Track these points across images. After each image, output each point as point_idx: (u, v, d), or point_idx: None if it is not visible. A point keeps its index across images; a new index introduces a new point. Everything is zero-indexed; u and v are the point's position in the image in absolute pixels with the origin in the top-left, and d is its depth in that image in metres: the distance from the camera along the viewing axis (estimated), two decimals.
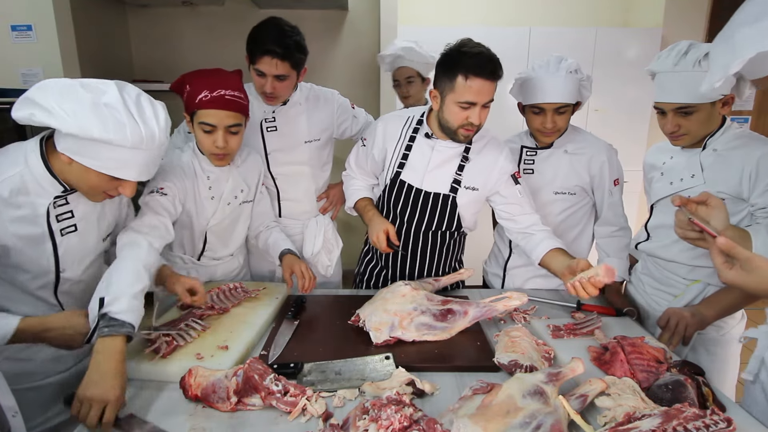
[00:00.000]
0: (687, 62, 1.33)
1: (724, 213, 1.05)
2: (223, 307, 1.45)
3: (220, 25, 3.38)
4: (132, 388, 1.13)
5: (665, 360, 1.15)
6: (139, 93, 1.12)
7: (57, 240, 1.18)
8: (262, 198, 1.80)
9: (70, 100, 1.01)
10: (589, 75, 1.64)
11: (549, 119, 1.58)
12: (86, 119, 1.01)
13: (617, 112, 3.62)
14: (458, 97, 1.39)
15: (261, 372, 1.06)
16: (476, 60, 1.35)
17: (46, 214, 1.15)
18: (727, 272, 0.90)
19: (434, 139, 1.56)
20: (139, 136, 1.07)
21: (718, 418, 0.88)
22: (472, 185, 1.58)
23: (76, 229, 1.22)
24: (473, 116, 1.41)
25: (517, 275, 1.81)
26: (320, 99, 1.89)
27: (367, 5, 3.38)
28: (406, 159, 1.60)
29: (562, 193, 1.70)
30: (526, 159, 1.73)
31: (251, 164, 1.72)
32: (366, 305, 1.42)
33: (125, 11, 3.42)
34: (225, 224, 1.67)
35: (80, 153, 1.07)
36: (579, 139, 1.70)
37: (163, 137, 1.13)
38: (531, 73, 1.60)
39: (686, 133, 1.40)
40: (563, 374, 1.01)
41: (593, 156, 1.67)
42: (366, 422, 0.92)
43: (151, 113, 1.11)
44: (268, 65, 1.61)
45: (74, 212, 1.21)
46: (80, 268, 1.26)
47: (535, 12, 3.90)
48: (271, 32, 1.60)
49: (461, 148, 1.57)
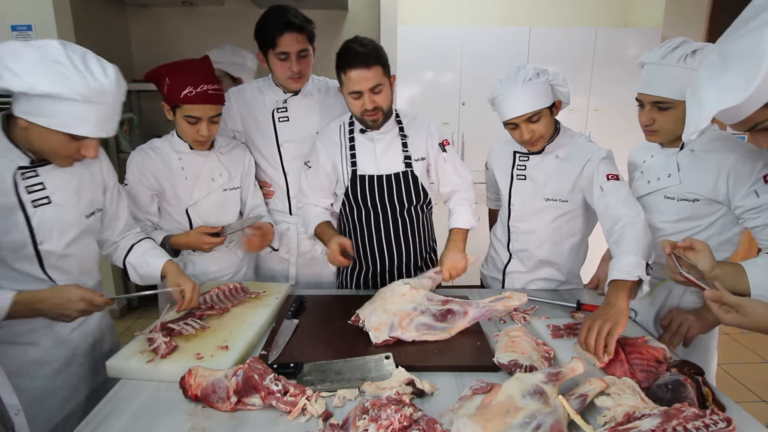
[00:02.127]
0: (673, 57, 1.33)
1: (709, 256, 1.11)
2: (223, 307, 1.45)
3: (220, 25, 3.38)
4: (132, 388, 1.13)
5: (665, 360, 1.15)
6: (85, 51, 1.13)
7: (29, 211, 1.19)
8: (256, 192, 1.88)
9: (16, 59, 1.04)
10: (558, 72, 1.55)
11: (524, 130, 1.55)
12: (33, 75, 1.03)
13: (617, 112, 3.62)
14: (347, 89, 1.56)
15: (261, 372, 1.06)
16: (345, 55, 1.53)
17: (13, 185, 1.16)
18: (725, 317, 0.98)
19: (369, 132, 1.69)
20: (86, 87, 1.07)
21: (718, 417, 0.88)
22: (420, 156, 1.73)
23: (50, 201, 1.23)
24: (366, 102, 1.56)
25: (516, 278, 1.81)
26: (332, 91, 1.92)
27: (367, 5, 3.38)
28: (355, 157, 1.70)
29: (554, 200, 1.64)
30: (519, 164, 1.70)
31: (236, 156, 1.79)
32: (366, 305, 1.42)
33: (125, 11, 3.42)
34: (206, 207, 1.71)
35: (34, 113, 1.09)
36: (571, 145, 1.64)
37: (113, 90, 1.12)
38: (495, 92, 1.58)
39: (658, 129, 1.40)
40: (563, 374, 1.01)
41: (585, 162, 1.58)
42: (366, 422, 0.92)
43: (97, 67, 1.11)
44: (290, 41, 1.68)
45: (45, 184, 1.22)
46: (62, 242, 1.26)
47: (535, 12, 3.90)
48: (281, 12, 1.68)
49: (396, 129, 1.72)
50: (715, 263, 1.10)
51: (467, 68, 3.52)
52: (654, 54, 1.37)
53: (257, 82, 1.90)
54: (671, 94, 1.34)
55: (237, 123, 1.87)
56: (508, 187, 1.73)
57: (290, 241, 1.96)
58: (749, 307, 0.95)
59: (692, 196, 1.38)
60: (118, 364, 1.19)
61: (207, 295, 1.51)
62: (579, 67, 3.56)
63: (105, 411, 1.05)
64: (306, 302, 1.56)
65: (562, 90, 1.56)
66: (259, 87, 1.88)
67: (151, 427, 1.00)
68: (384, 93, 1.58)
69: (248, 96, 1.87)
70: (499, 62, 3.47)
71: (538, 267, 1.76)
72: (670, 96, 1.34)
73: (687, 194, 1.39)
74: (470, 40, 3.49)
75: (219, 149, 1.72)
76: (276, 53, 1.70)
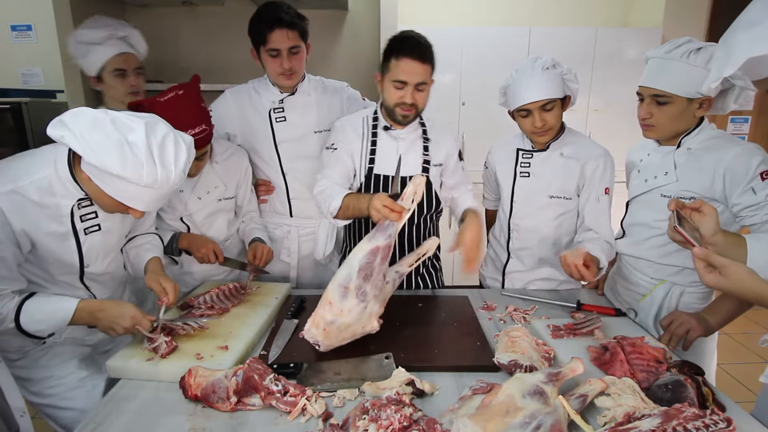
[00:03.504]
0: (677, 52, 1.34)
1: (714, 220, 1.10)
2: (223, 307, 1.45)
3: (220, 25, 3.37)
4: (132, 388, 1.13)
5: (665, 360, 1.15)
6: (166, 134, 1.15)
7: (81, 238, 1.27)
8: (252, 198, 1.87)
9: (98, 132, 1.07)
10: (571, 68, 1.61)
11: (537, 118, 1.57)
12: (108, 155, 1.06)
13: (617, 111, 3.62)
14: (392, 76, 1.53)
15: (261, 372, 1.06)
16: (406, 43, 1.51)
17: (70, 214, 1.23)
18: (707, 276, 0.98)
19: (394, 130, 1.65)
20: (154, 177, 1.11)
21: (718, 418, 0.88)
22: (438, 161, 1.70)
23: (99, 228, 1.30)
24: (408, 96, 1.53)
25: (516, 278, 1.81)
26: (329, 89, 1.92)
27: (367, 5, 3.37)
28: (374, 154, 1.66)
29: (558, 197, 1.66)
30: (522, 162, 1.71)
31: (233, 163, 1.75)
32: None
33: (125, 11, 3.42)
34: (199, 218, 1.70)
35: (98, 178, 1.14)
36: (576, 143, 1.67)
37: (178, 179, 1.16)
38: (510, 79, 1.61)
39: (655, 124, 1.41)
40: (563, 374, 1.01)
41: (588, 160, 1.63)
42: (366, 422, 0.92)
43: (172, 156, 1.14)
44: (280, 38, 1.67)
45: (98, 213, 1.28)
46: (104, 263, 1.37)
47: (535, 12, 3.90)
48: (272, 9, 1.67)
49: (420, 131, 1.69)
50: (718, 229, 1.10)
51: (467, 68, 3.52)
52: (659, 49, 1.39)
53: (253, 83, 1.89)
54: (671, 89, 1.35)
55: (233, 125, 1.86)
56: (511, 185, 1.73)
57: (291, 243, 1.95)
58: (733, 268, 0.95)
59: (688, 194, 1.38)
60: (118, 364, 1.19)
61: (207, 295, 1.51)
62: (579, 67, 3.48)
63: (105, 411, 1.04)
64: (306, 302, 1.56)
65: (573, 87, 1.61)
66: (255, 87, 1.87)
67: (151, 427, 0.99)
68: (425, 93, 1.57)
69: (244, 97, 1.86)
70: (499, 62, 3.48)
71: (538, 266, 1.76)
72: (669, 90, 1.35)
73: (683, 192, 1.39)
74: (470, 40, 3.49)
75: (215, 158, 1.70)
76: (267, 50, 1.69)
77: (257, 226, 1.86)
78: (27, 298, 1.21)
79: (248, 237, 1.80)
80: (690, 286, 1.46)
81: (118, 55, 1.82)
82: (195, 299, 1.50)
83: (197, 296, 1.52)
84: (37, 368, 1.37)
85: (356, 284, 1.24)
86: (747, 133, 3.84)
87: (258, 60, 1.77)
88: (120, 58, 1.82)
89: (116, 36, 1.84)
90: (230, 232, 1.81)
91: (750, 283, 0.95)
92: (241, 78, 2.00)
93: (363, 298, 1.24)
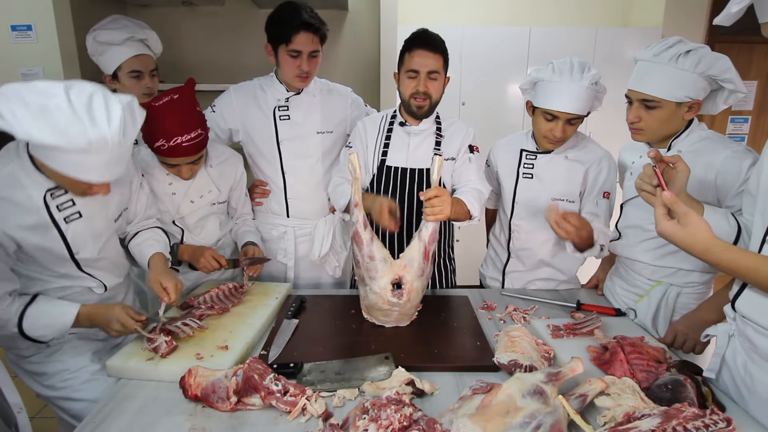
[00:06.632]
0: (666, 55, 1.32)
1: (685, 178, 1.12)
2: (223, 307, 1.45)
3: (220, 25, 3.37)
4: (132, 388, 1.13)
5: (665, 360, 1.15)
6: (92, 92, 1.06)
7: (63, 227, 1.24)
8: (246, 201, 1.88)
9: (18, 104, 0.98)
10: (603, 86, 1.59)
11: (560, 128, 1.54)
12: (30, 124, 0.98)
13: (617, 111, 3.58)
14: (406, 67, 1.59)
15: (261, 372, 1.06)
16: (417, 37, 1.58)
17: (44, 206, 1.19)
18: (664, 223, 0.99)
19: (408, 126, 1.69)
20: (86, 139, 1.01)
21: (718, 417, 0.88)
22: (451, 155, 1.71)
23: (81, 215, 1.27)
24: (420, 84, 1.58)
25: (516, 278, 1.80)
26: (334, 92, 1.94)
27: (367, 5, 3.37)
28: (387, 147, 1.71)
29: (561, 200, 1.64)
30: (526, 163, 1.70)
31: (228, 166, 1.73)
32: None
33: (125, 11, 3.42)
34: (191, 221, 1.70)
35: (41, 155, 1.08)
36: (581, 146, 1.66)
37: (116, 138, 1.05)
38: (552, 75, 1.54)
39: (643, 128, 1.40)
40: (563, 374, 1.01)
41: (592, 164, 1.63)
42: (366, 422, 0.92)
43: (103, 114, 1.04)
44: (305, 41, 1.69)
45: (75, 200, 1.25)
46: (95, 248, 1.33)
47: (535, 12, 3.90)
48: (298, 10, 1.68)
49: (434, 128, 1.72)
50: (684, 190, 1.13)
51: (467, 68, 3.52)
52: (648, 51, 1.37)
53: (259, 80, 1.89)
54: (659, 93, 1.33)
55: (236, 121, 1.86)
56: (513, 186, 1.72)
57: (288, 244, 1.95)
58: (695, 218, 0.96)
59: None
60: (118, 363, 1.19)
61: (207, 295, 1.51)
62: None
63: (105, 411, 1.05)
64: (306, 302, 1.56)
65: (597, 105, 1.63)
66: (261, 84, 1.87)
67: (151, 427, 1.00)
68: (438, 82, 1.61)
69: (249, 93, 1.86)
70: (499, 62, 3.49)
71: (538, 266, 1.76)
72: (657, 95, 1.34)
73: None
74: (470, 40, 3.49)
75: (210, 162, 1.68)
76: (288, 50, 1.70)
77: (250, 229, 1.86)
78: (30, 303, 1.20)
79: (241, 240, 1.80)
80: (686, 286, 1.46)
81: (136, 57, 1.84)
82: (195, 299, 1.50)
83: (197, 296, 1.52)
84: (51, 362, 1.37)
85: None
86: (747, 133, 3.84)
87: (272, 56, 1.77)
88: (137, 60, 1.83)
89: (136, 38, 1.86)
90: (223, 232, 1.80)
91: (703, 235, 0.95)
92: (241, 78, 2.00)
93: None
